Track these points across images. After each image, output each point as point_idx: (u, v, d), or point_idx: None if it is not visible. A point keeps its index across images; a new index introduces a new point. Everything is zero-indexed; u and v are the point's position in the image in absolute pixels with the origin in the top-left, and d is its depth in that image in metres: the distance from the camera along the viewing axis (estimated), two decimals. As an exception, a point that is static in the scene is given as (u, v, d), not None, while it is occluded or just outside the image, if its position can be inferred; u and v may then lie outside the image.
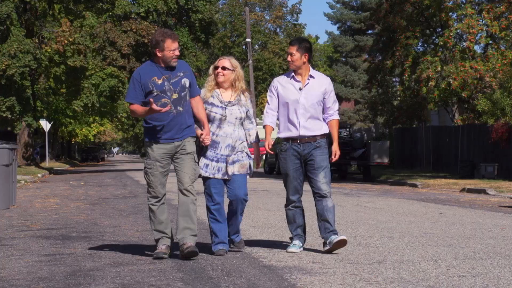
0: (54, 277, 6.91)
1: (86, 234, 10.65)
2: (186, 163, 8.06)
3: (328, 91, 8.54)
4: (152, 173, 8.09)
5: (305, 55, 8.46)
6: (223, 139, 8.37)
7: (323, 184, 8.41)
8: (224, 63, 8.50)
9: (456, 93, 34.94)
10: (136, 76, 8.09)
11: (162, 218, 8.13)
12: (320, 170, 8.41)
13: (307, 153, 8.44)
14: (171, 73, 8.08)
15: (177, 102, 8.05)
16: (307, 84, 8.49)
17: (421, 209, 15.29)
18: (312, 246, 9.03)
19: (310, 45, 8.56)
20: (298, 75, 8.52)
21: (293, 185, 8.51)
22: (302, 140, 8.45)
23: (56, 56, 41.18)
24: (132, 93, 8.10)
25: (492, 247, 8.91)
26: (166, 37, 7.98)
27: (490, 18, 35.53)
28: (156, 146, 8.07)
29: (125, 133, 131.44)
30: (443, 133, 37.55)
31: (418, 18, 37.32)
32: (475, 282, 6.48)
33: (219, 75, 8.46)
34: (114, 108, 67.88)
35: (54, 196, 19.90)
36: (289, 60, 8.51)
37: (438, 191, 23.55)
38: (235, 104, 8.45)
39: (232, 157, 8.36)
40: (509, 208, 16.22)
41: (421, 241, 9.49)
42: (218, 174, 8.34)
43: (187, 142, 8.09)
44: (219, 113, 8.38)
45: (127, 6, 46.52)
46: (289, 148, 8.49)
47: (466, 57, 35.24)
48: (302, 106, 8.42)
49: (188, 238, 7.94)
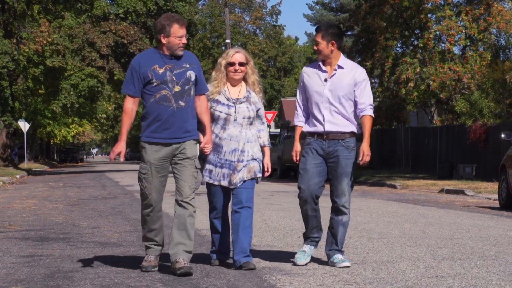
0: (33, 279, 6.87)
1: (64, 235, 10.60)
2: (185, 170, 7.07)
3: (358, 82, 7.45)
4: (147, 179, 7.10)
5: (332, 43, 7.42)
6: (227, 142, 7.31)
7: (344, 191, 7.42)
8: (240, 59, 7.38)
9: (435, 94, 35.13)
10: (135, 64, 7.10)
11: (154, 226, 7.22)
12: (343, 176, 7.40)
13: (331, 151, 7.42)
14: (176, 62, 7.07)
15: (179, 96, 7.03)
16: (334, 75, 7.47)
17: (400, 210, 15.34)
18: (291, 246, 9.04)
19: (339, 31, 7.51)
20: (326, 65, 7.52)
21: (312, 183, 7.42)
22: (329, 136, 7.44)
23: (34, 56, 40.98)
24: (130, 84, 7.11)
25: (470, 248, 8.95)
26: (173, 21, 7.02)
27: (469, 20, 35.76)
28: (152, 148, 7.08)
29: (104, 134, 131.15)
30: (422, 134, 37.73)
31: (397, 19, 37.46)
32: (453, 283, 6.51)
33: (237, 73, 7.38)
34: (93, 109, 67.69)
35: (33, 197, 19.80)
36: (315, 49, 7.55)
37: (417, 192, 23.64)
38: (243, 101, 7.39)
39: (241, 164, 7.31)
40: (487, 208, 16.31)
41: (400, 242, 9.52)
42: (224, 181, 7.33)
43: (188, 146, 7.08)
44: (224, 111, 7.33)
45: (106, 7, 46.38)
46: (313, 143, 7.48)
47: (445, 58, 35.43)
48: (326, 99, 7.43)
49: (182, 254, 7.00)
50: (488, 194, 20.87)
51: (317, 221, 7.57)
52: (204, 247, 8.89)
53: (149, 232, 7.24)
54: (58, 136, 79.81)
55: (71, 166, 71.80)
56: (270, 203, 16.59)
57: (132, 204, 16.53)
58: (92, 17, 45.95)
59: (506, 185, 16.41)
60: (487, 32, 36.23)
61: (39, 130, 71.07)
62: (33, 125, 61.71)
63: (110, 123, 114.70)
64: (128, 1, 46.02)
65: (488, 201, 18.95)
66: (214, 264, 7.50)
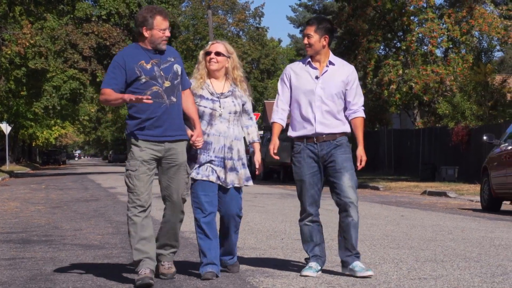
0: (14, 281, 6.84)
1: (46, 237, 10.55)
2: (176, 176, 6.69)
3: (350, 81, 7.03)
4: (137, 177, 6.56)
5: (325, 37, 6.97)
6: (216, 138, 6.95)
7: (348, 188, 6.94)
8: (217, 48, 7.07)
9: (418, 96, 35.26)
10: (119, 60, 6.61)
11: (146, 234, 6.57)
12: (344, 172, 6.93)
13: (325, 154, 6.97)
14: (160, 57, 6.66)
15: (170, 91, 6.63)
16: (326, 72, 7.01)
17: (383, 211, 15.37)
18: (274, 249, 9.04)
19: (331, 26, 7.06)
20: (316, 62, 7.04)
21: (310, 194, 6.99)
22: (319, 139, 6.97)
23: (17, 58, 40.82)
24: (110, 79, 6.59)
25: (452, 250, 8.98)
26: (155, 13, 6.58)
27: (451, 22, 35.91)
28: (144, 144, 6.59)
29: (87, 136, 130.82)
30: (404, 136, 37.86)
31: (380, 22, 37.59)
32: (435, 284, 6.53)
33: (211, 61, 7.03)
34: (75, 111, 67.50)
35: (14, 199, 19.71)
36: (305, 43, 7.02)
37: (400, 194, 23.71)
38: (228, 95, 7.05)
39: (230, 162, 6.97)
40: (469, 210, 16.37)
41: (382, 244, 9.54)
42: (212, 176, 6.91)
43: (180, 149, 6.68)
44: (208, 107, 6.98)
45: (89, 9, 46.25)
46: (304, 149, 7.00)
47: (427, 61, 35.58)
48: (319, 98, 6.95)
49: (167, 256, 6.84)
50: (470, 196, 20.96)
51: (321, 237, 7.15)
52: (187, 249, 8.88)
53: (140, 242, 6.56)
54: (41, 138, 79.52)
55: (53, 168, 71.52)
56: (253, 205, 16.58)
57: (115, 206, 16.48)
58: (74, 18, 45.81)
59: (488, 187, 16.48)
60: (469, 34, 36.40)
61: (21, 132, 70.78)
62: (15, 127, 61.48)
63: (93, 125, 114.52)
64: (110, 2, 45.92)
65: (470, 203, 19.03)
66: (206, 277, 6.82)
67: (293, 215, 14.35)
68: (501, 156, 16.13)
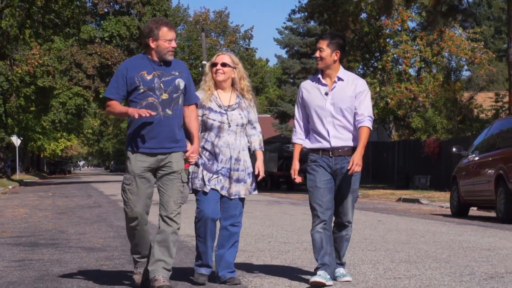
0: (23, 281, 6.81)
1: (53, 241, 10.51)
2: (171, 184, 6.20)
3: (358, 94, 6.56)
4: (131, 190, 6.18)
5: (336, 53, 6.55)
6: (224, 150, 6.56)
7: (349, 209, 6.68)
8: (223, 59, 6.67)
9: (393, 111, 35.35)
10: (122, 69, 6.24)
11: (142, 241, 6.36)
12: (350, 194, 6.65)
13: (339, 168, 6.58)
14: (165, 69, 6.21)
15: (166, 104, 6.15)
16: (334, 88, 6.58)
17: (361, 217, 15.37)
18: (262, 251, 9.03)
19: (343, 42, 6.64)
20: (326, 77, 6.63)
21: (325, 199, 6.51)
22: (335, 153, 6.56)
23: (26, 77, 40.78)
24: (113, 88, 6.23)
25: (425, 252, 8.98)
26: (161, 24, 6.17)
27: (423, 44, 36.10)
28: (135, 158, 6.16)
29: (90, 148, 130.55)
30: (381, 148, 37.90)
31: (359, 43, 37.71)
32: (409, 283, 6.53)
33: (218, 72, 6.63)
34: (80, 125, 67.38)
35: (24, 206, 19.64)
36: (317, 56, 6.60)
37: (377, 201, 23.72)
38: (235, 108, 6.66)
39: (237, 174, 6.60)
40: (440, 216, 16.39)
41: (361, 246, 9.54)
42: (218, 185, 6.56)
43: (175, 159, 6.21)
44: (217, 120, 6.58)
45: (92, 31, 46.32)
46: (319, 159, 6.59)
47: (402, 79, 35.72)
48: (329, 113, 6.54)
49: (161, 271, 6.15)
50: (441, 203, 20.99)
51: (332, 247, 6.56)
52: (182, 251, 8.85)
53: (135, 247, 6.40)
54: (48, 150, 79.32)
55: (59, 177, 71.28)
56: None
57: (116, 212, 16.44)
58: (79, 40, 45.82)
59: (457, 194, 16.52)
60: (440, 55, 36.61)
61: (30, 144, 70.58)
62: (25, 140, 61.30)
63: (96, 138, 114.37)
64: (112, 25, 45.98)
65: (441, 209, 19.05)
66: (201, 281, 6.57)
67: (280, 220, 14.36)
68: (469, 166, 16.17)
